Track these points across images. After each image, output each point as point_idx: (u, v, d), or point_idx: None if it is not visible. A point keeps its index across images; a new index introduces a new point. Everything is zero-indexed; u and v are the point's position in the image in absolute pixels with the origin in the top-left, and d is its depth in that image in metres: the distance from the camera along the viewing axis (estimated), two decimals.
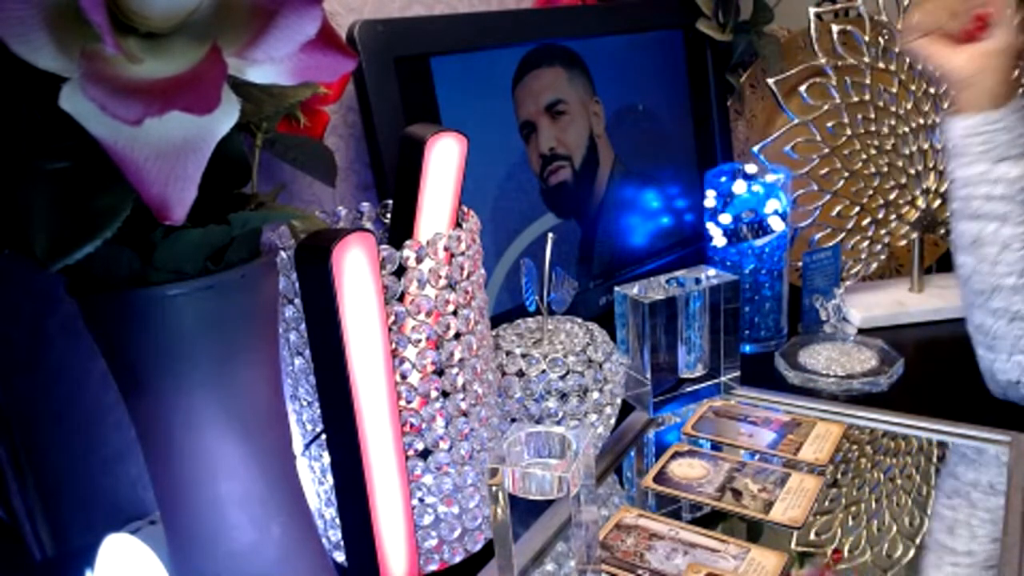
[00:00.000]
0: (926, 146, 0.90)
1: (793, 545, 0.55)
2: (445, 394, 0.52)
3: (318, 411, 0.50)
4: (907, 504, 0.59)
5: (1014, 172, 0.65)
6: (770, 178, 0.83)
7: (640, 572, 0.52)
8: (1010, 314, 0.66)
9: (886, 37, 0.87)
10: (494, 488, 0.48)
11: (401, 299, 0.49)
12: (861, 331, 0.87)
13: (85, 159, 0.31)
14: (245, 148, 0.39)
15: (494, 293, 0.79)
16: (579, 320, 0.67)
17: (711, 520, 0.58)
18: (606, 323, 0.70)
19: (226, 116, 0.30)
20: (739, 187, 0.83)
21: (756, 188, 0.82)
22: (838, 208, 0.91)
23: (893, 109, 0.88)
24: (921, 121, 0.89)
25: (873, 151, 0.89)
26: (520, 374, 0.61)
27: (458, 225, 0.55)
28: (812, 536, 0.56)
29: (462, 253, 0.52)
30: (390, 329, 0.49)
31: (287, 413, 0.45)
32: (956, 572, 0.52)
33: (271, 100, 0.38)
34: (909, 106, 0.88)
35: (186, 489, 0.41)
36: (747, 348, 0.86)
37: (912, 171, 0.91)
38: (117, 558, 0.46)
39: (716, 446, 0.68)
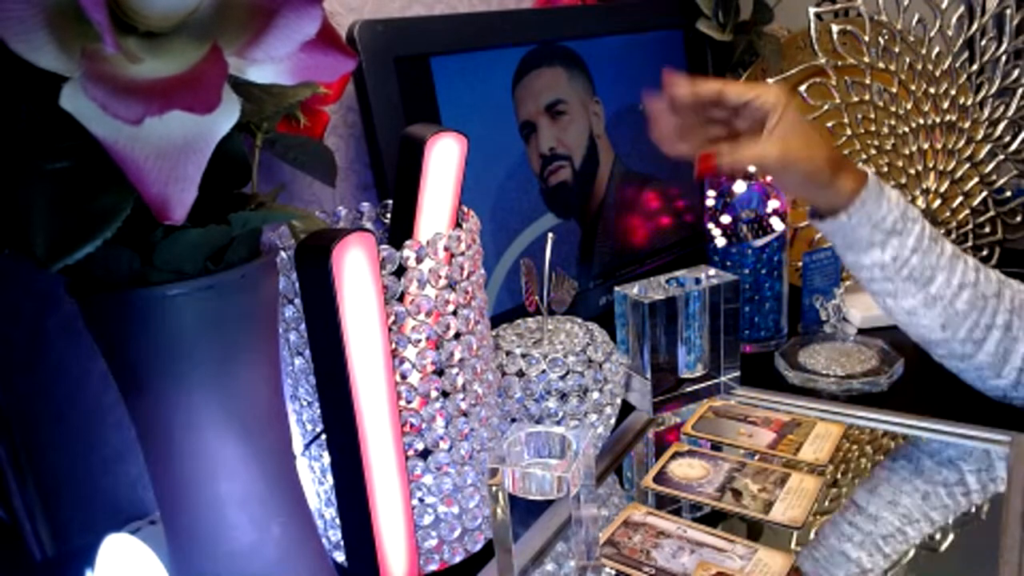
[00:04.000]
0: (926, 146, 0.90)
1: (793, 545, 0.55)
2: (445, 394, 0.52)
3: (318, 411, 0.50)
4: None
5: (885, 257, 0.63)
6: (770, 178, 0.83)
7: (645, 569, 0.52)
8: (958, 358, 0.66)
9: (886, 37, 0.87)
10: (494, 488, 0.48)
11: (401, 299, 0.49)
12: (861, 331, 0.87)
13: (85, 159, 0.31)
14: (245, 148, 0.39)
15: (494, 293, 0.79)
16: (579, 320, 0.67)
17: (711, 520, 0.58)
18: (606, 323, 0.70)
19: (226, 116, 0.30)
20: (739, 187, 0.83)
21: (756, 188, 0.82)
22: None
23: (893, 109, 0.88)
24: (921, 121, 0.89)
25: (873, 151, 0.89)
26: (520, 374, 0.61)
27: (458, 225, 0.55)
28: (812, 536, 0.56)
29: (462, 253, 0.52)
30: (390, 329, 0.49)
31: (287, 413, 0.45)
32: (952, 571, 0.52)
33: (271, 100, 0.37)
34: (909, 106, 0.88)
35: (186, 489, 0.41)
36: (747, 348, 0.86)
37: (912, 171, 0.91)
38: (117, 558, 0.46)
39: (716, 446, 0.68)
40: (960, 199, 0.93)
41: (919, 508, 0.58)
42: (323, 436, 0.49)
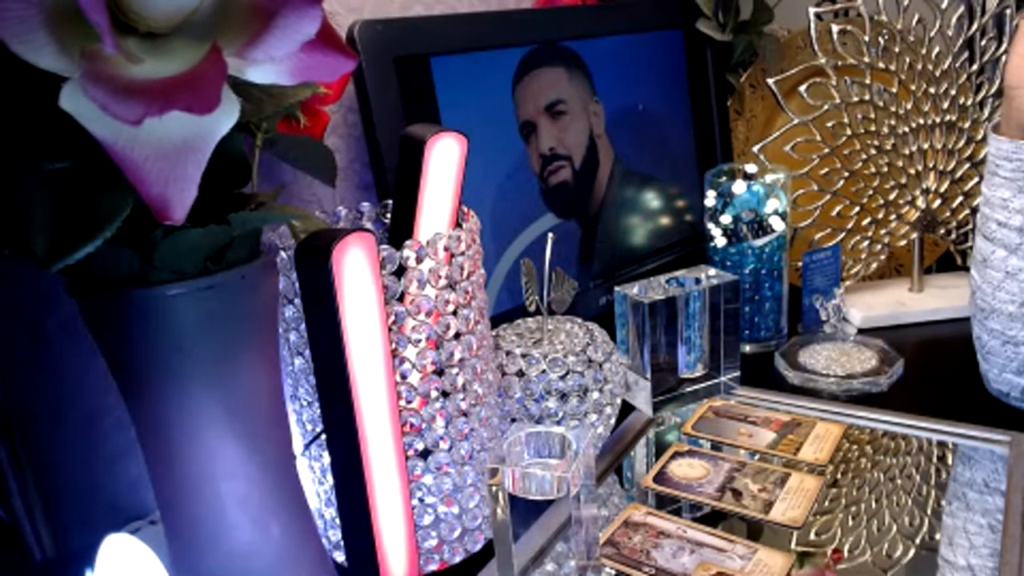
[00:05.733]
0: (926, 146, 0.90)
1: (793, 545, 0.55)
2: (445, 394, 0.52)
3: (318, 411, 0.50)
4: (907, 504, 0.59)
5: None
6: (770, 178, 0.83)
7: (645, 569, 0.52)
8: (1005, 337, 0.66)
9: (886, 37, 0.87)
10: (494, 488, 0.48)
11: (401, 299, 0.49)
12: (861, 331, 0.87)
13: (85, 159, 0.31)
14: (245, 148, 0.39)
15: (494, 293, 0.79)
16: (579, 320, 0.67)
17: (711, 520, 0.58)
18: (606, 323, 0.70)
19: (226, 116, 0.30)
20: (739, 187, 0.83)
21: (756, 188, 0.82)
22: (838, 208, 0.91)
23: (893, 109, 0.88)
24: (921, 121, 0.89)
25: (873, 151, 0.89)
26: (520, 374, 0.61)
27: (458, 225, 0.55)
28: (812, 536, 0.56)
29: (462, 253, 0.52)
30: (390, 329, 0.49)
31: (287, 413, 0.45)
32: (952, 572, 0.52)
33: (271, 100, 0.37)
34: (909, 106, 0.88)
35: (186, 489, 0.41)
36: (747, 348, 0.86)
37: (912, 171, 0.91)
38: (117, 558, 0.46)
39: (716, 446, 0.68)
40: (960, 199, 0.93)
41: (919, 508, 0.58)
42: (323, 436, 0.49)
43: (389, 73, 0.68)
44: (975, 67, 0.89)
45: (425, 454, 0.52)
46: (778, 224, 0.83)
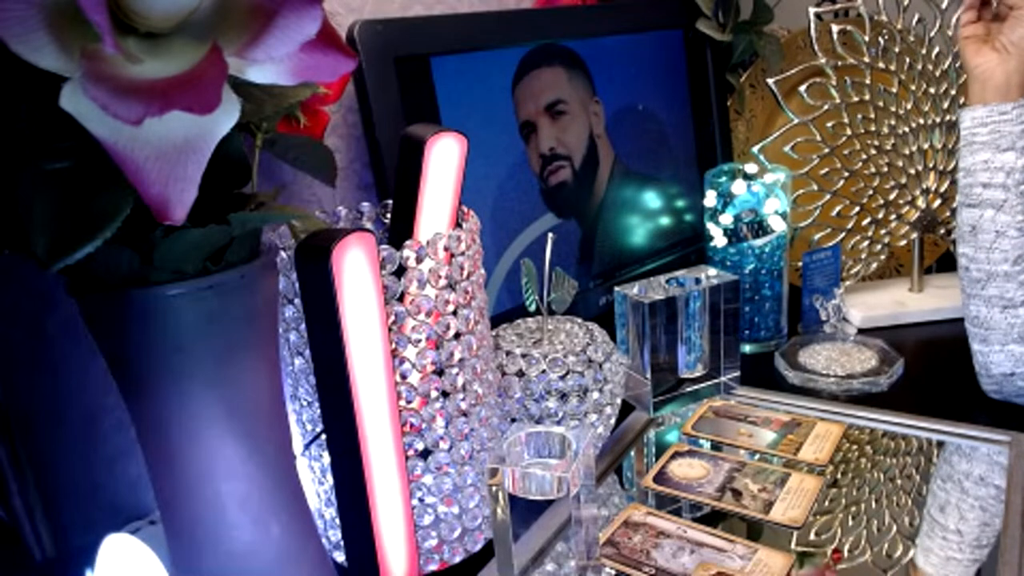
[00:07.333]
0: (926, 146, 0.90)
1: (793, 545, 0.55)
2: (445, 394, 0.52)
3: (318, 411, 0.50)
4: (907, 504, 0.59)
5: (1017, 162, 0.65)
6: (770, 178, 0.83)
7: (645, 569, 0.52)
8: (1004, 302, 0.67)
9: (886, 37, 0.87)
10: (494, 488, 0.48)
11: (401, 299, 0.49)
12: (861, 331, 0.87)
13: (85, 159, 0.31)
14: (245, 148, 0.39)
15: (494, 293, 0.79)
16: (579, 320, 0.67)
17: (711, 520, 0.58)
18: (606, 323, 0.70)
19: (226, 116, 0.30)
20: (739, 187, 0.83)
21: (756, 188, 0.82)
22: (838, 208, 0.91)
23: (893, 109, 0.88)
24: (921, 121, 0.89)
25: (873, 151, 0.89)
26: (520, 374, 0.61)
27: (458, 225, 0.55)
28: (812, 536, 0.56)
29: (462, 253, 0.52)
30: (390, 329, 0.49)
31: (287, 413, 0.45)
32: (952, 571, 0.52)
33: (271, 100, 0.37)
34: (909, 106, 0.88)
35: (186, 489, 0.41)
36: (747, 348, 0.86)
37: (912, 171, 0.91)
38: (117, 558, 0.46)
39: (716, 446, 0.68)
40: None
41: (919, 508, 0.58)
42: (323, 436, 0.49)
43: (389, 73, 0.68)
44: None
45: (425, 454, 0.52)
46: (778, 224, 0.83)
